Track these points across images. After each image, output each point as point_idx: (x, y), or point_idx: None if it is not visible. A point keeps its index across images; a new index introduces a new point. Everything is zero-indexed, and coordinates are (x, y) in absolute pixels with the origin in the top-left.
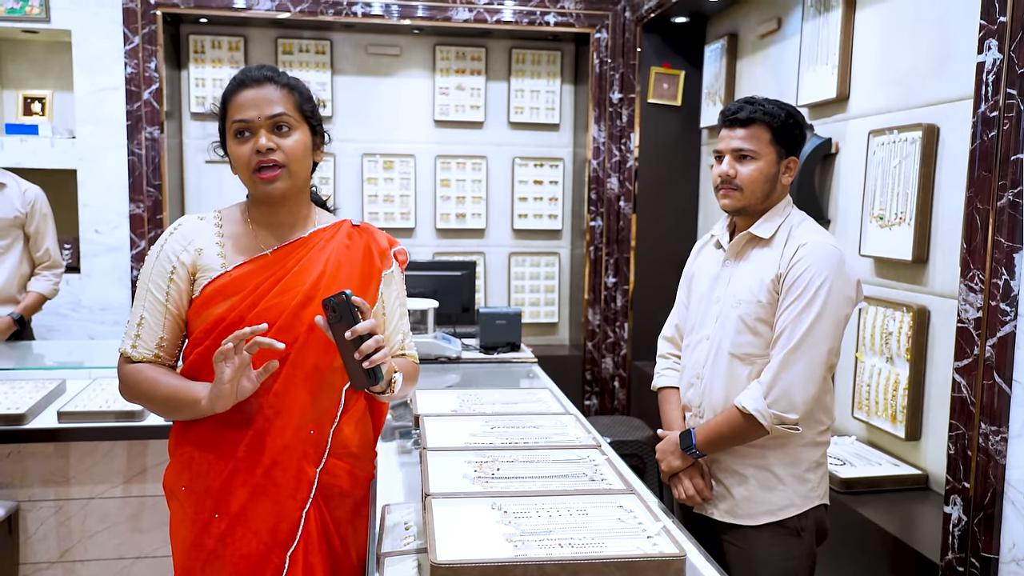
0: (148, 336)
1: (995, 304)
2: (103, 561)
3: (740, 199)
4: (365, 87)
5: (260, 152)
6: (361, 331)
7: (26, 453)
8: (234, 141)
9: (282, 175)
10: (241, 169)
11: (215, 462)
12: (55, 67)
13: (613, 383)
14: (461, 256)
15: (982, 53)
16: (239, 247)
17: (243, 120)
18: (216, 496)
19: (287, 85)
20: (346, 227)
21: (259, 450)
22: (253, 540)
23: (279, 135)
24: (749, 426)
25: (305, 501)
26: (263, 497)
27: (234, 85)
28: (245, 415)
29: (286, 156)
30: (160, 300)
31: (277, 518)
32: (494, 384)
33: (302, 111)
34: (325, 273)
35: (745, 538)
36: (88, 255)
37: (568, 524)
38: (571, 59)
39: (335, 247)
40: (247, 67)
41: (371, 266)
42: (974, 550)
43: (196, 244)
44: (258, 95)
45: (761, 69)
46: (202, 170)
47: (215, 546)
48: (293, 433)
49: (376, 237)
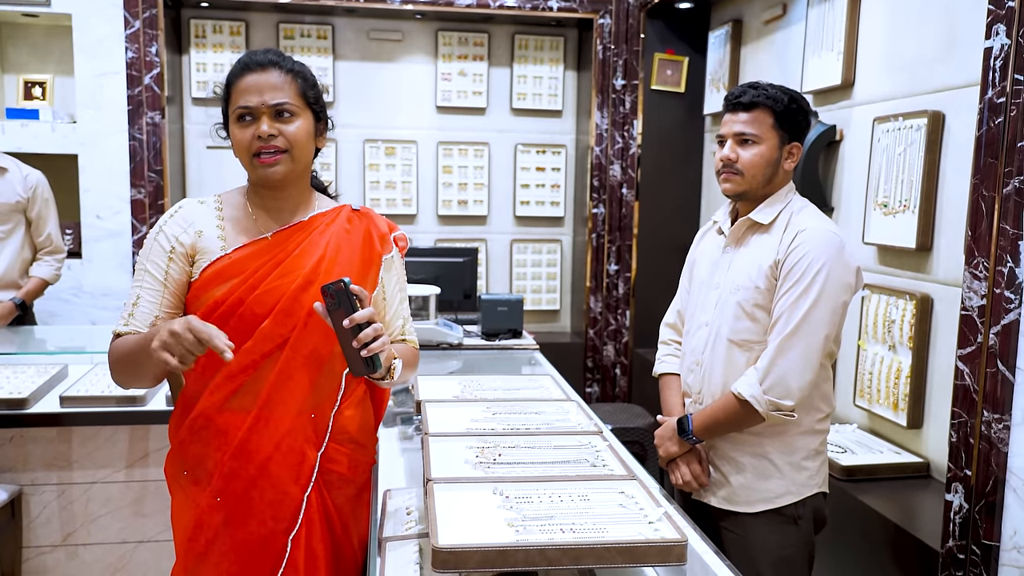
0: (142, 316)
1: (999, 292)
2: (106, 545)
3: (741, 183)
4: (367, 72)
5: (261, 138)
6: (359, 319)
7: (28, 437)
8: (236, 125)
9: (283, 160)
10: (241, 153)
11: (217, 446)
12: (56, 51)
13: (614, 370)
14: (463, 243)
15: (989, 39)
16: (239, 230)
17: (245, 106)
18: (218, 480)
19: (291, 71)
20: (346, 212)
21: (261, 434)
22: (255, 524)
23: (281, 121)
24: (745, 412)
25: (307, 485)
26: (265, 481)
27: (238, 68)
28: (247, 399)
29: (288, 142)
30: (158, 279)
31: (279, 502)
32: (496, 370)
33: (305, 97)
34: (325, 257)
35: (742, 525)
36: (89, 240)
37: (570, 509)
38: (574, 45)
39: (335, 231)
40: (252, 50)
41: (371, 250)
42: (975, 538)
43: (196, 226)
44: (261, 80)
45: (766, 55)
46: (203, 155)
47: (217, 530)
48: (294, 417)
49: (376, 222)
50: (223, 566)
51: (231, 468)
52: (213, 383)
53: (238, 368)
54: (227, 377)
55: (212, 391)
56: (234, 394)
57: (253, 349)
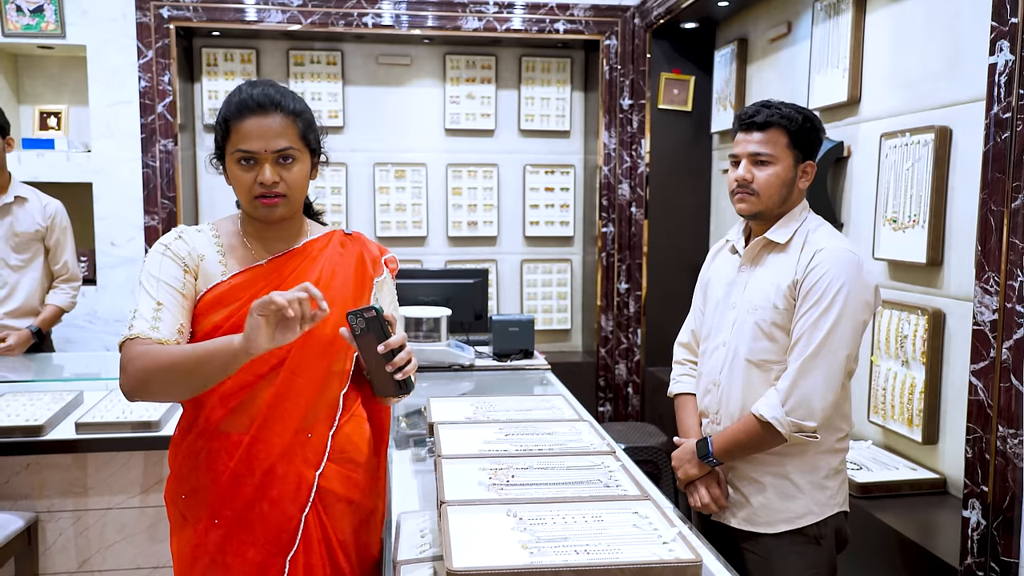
0: (168, 322)
1: (1011, 306)
2: (121, 571)
3: (757, 204)
4: (376, 97)
5: (264, 185)
6: (394, 344)
7: (44, 464)
8: (237, 167)
9: (282, 203)
10: (242, 194)
11: (214, 467)
12: (71, 82)
13: (627, 389)
14: (473, 264)
15: (994, 55)
16: (236, 257)
17: (248, 151)
18: (216, 501)
19: (292, 112)
20: (338, 236)
21: (258, 454)
22: (253, 545)
23: (283, 167)
24: (767, 434)
25: (304, 505)
26: (262, 501)
27: (237, 109)
28: (243, 420)
29: (288, 187)
30: (177, 290)
31: (277, 522)
32: (508, 391)
33: (306, 140)
34: (319, 281)
35: (764, 546)
36: (104, 267)
37: (584, 531)
38: (581, 66)
39: (329, 255)
40: (250, 85)
41: (364, 273)
42: (993, 554)
43: (199, 251)
44: (264, 126)
45: (771, 73)
46: (216, 181)
47: (215, 552)
48: (291, 437)
49: (368, 246)
50: None
51: (228, 489)
52: (209, 404)
53: (236, 387)
54: (223, 398)
55: (209, 412)
56: (231, 414)
57: (249, 370)
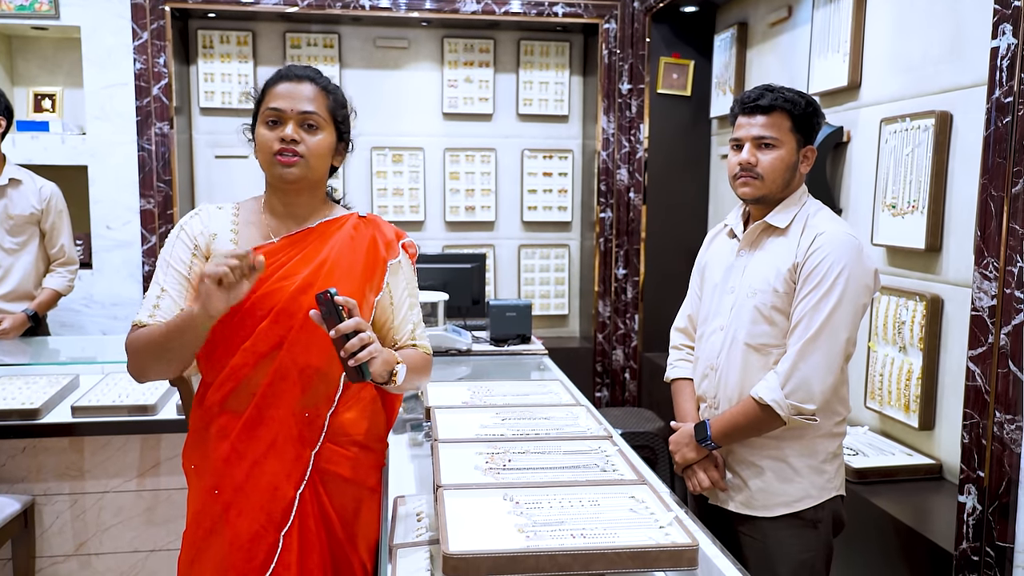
0: (167, 307)
1: (1010, 292)
2: (118, 554)
3: (760, 188)
4: (373, 80)
5: (284, 141)
6: (344, 330)
7: (41, 447)
8: (264, 127)
9: (299, 163)
10: (263, 151)
11: (217, 439)
12: (65, 64)
13: (624, 375)
14: (471, 249)
15: (996, 38)
16: (250, 235)
17: (276, 109)
18: (216, 474)
19: (324, 88)
20: (353, 219)
21: (257, 429)
22: (249, 517)
23: (306, 131)
24: (766, 417)
25: (300, 482)
26: (260, 476)
27: (276, 76)
28: (243, 397)
29: (308, 150)
30: (183, 274)
31: (273, 497)
32: (505, 376)
33: (333, 114)
34: (327, 261)
35: (761, 530)
36: (100, 251)
37: (580, 515)
38: (580, 50)
39: (340, 237)
40: (293, 64)
41: (375, 256)
42: (989, 539)
43: (212, 229)
44: (294, 89)
45: (771, 58)
46: (212, 164)
47: (214, 522)
48: (289, 414)
49: (382, 228)
50: (218, 557)
51: (227, 464)
52: (215, 382)
53: (238, 366)
54: (226, 377)
55: (214, 390)
56: (232, 392)
57: (252, 348)
